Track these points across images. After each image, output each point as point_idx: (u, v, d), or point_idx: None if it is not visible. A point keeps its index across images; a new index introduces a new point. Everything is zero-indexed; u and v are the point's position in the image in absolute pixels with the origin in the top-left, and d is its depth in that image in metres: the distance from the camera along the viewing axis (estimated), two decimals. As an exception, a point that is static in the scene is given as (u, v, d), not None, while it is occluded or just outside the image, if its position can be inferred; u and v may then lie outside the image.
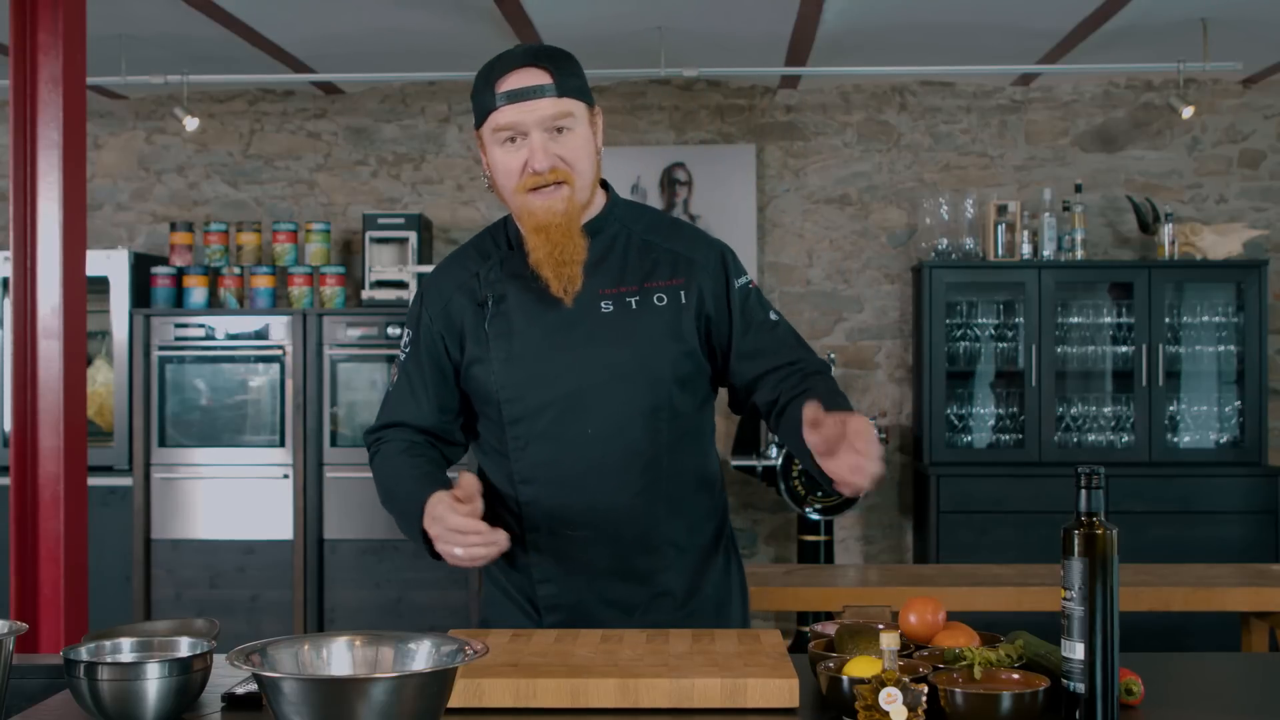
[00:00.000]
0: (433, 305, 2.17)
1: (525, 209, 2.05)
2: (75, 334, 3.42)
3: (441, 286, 2.18)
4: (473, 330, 2.12)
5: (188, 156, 6.36)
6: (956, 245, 5.91)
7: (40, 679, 1.88)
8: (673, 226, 2.21)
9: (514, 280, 2.12)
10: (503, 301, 2.12)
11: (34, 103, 3.37)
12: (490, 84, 2.04)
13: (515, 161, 2.04)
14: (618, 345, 2.07)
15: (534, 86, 2.02)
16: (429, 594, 5.54)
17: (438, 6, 4.87)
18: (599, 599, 2.11)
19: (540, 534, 2.11)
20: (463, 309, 2.14)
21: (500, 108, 2.02)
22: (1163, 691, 1.74)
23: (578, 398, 2.06)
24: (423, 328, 2.17)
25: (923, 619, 1.85)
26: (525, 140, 2.03)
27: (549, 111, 2.02)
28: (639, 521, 2.09)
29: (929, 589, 3.94)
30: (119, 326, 5.66)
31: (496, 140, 2.05)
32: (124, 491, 5.62)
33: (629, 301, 2.09)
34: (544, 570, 2.12)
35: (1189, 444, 5.82)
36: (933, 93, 6.23)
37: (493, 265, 2.15)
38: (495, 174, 2.08)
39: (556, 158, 2.03)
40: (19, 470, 3.37)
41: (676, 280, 2.11)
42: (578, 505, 2.08)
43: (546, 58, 2.05)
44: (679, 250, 2.14)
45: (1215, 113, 6.15)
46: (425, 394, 2.17)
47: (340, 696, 1.34)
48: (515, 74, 2.03)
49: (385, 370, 5.63)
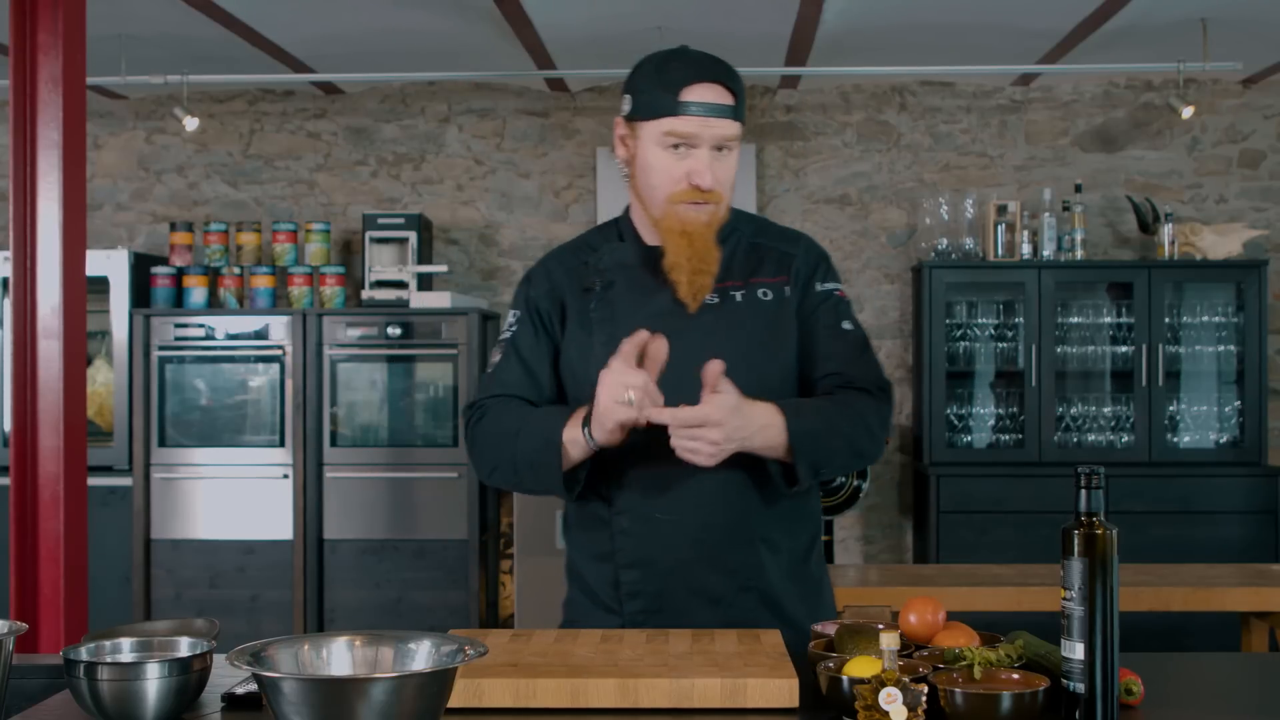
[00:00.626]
0: (539, 286, 2.21)
1: (673, 215, 2.08)
2: (75, 334, 3.42)
3: (550, 269, 2.22)
4: (577, 314, 2.16)
5: (188, 156, 6.36)
6: (956, 245, 5.91)
7: (40, 679, 1.87)
8: (780, 231, 2.25)
9: (623, 269, 2.16)
10: (610, 288, 2.15)
11: (34, 103, 3.37)
12: (671, 85, 2.05)
13: (678, 169, 2.07)
14: (720, 334, 2.09)
15: (721, 105, 2.05)
16: (429, 594, 5.54)
17: (438, 6, 4.87)
18: (683, 587, 2.09)
19: (627, 517, 2.11)
20: (569, 292, 2.18)
21: (680, 116, 2.04)
22: (1163, 691, 1.74)
23: (679, 388, 2.03)
24: (530, 307, 2.20)
25: (923, 619, 1.84)
26: (692, 152, 2.06)
27: (725, 132, 2.06)
28: (729, 511, 2.09)
29: (929, 589, 3.94)
30: (119, 326, 5.66)
31: (663, 142, 2.07)
32: (124, 491, 5.62)
33: (734, 295, 2.13)
34: (628, 555, 2.11)
35: (1189, 444, 5.82)
36: (933, 93, 6.23)
37: (603, 255, 2.19)
38: (648, 172, 2.09)
39: (716, 179, 2.07)
40: (19, 470, 3.37)
41: (781, 277, 2.16)
42: (669, 490, 2.08)
43: (730, 76, 2.08)
44: (784, 250, 2.19)
45: (1215, 113, 6.15)
46: (520, 374, 2.19)
47: (340, 696, 1.34)
48: (704, 87, 2.05)
49: (385, 370, 5.63)
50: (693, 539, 2.08)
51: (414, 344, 5.58)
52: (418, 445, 5.60)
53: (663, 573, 2.09)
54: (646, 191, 2.11)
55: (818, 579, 2.23)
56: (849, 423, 2.08)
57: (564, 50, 5.48)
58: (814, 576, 2.22)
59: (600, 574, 2.15)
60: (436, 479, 5.54)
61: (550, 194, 6.27)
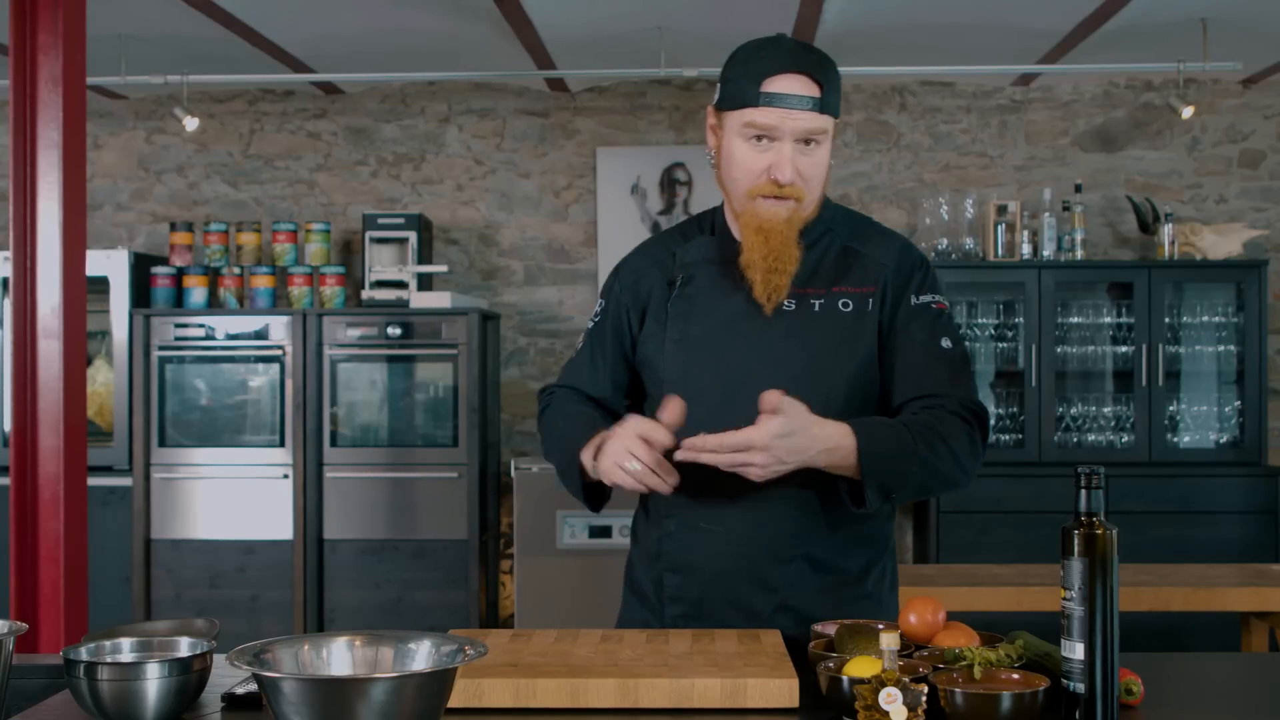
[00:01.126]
0: (626, 277, 2.20)
1: (751, 209, 2.04)
2: (75, 334, 3.42)
3: (638, 261, 2.21)
4: (656, 307, 2.14)
5: (188, 156, 6.36)
6: (956, 245, 5.91)
7: (40, 679, 1.87)
8: (881, 235, 2.15)
9: (706, 265, 2.12)
10: (690, 283, 2.12)
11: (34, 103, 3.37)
12: (754, 76, 2.00)
13: (759, 162, 2.02)
14: (790, 344, 2.05)
15: (802, 97, 1.99)
16: (429, 594, 5.54)
17: (438, 6, 4.87)
18: (722, 598, 2.06)
19: (675, 521, 2.10)
20: (653, 285, 2.16)
21: (761, 107, 1.99)
22: (1163, 691, 1.74)
23: (738, 391, 2.01)
24: (612, 299, 2.20)
25: (923, 619, 1.84)
26: (774, 145, 2.01)
27: (808, 125, 2.00)
28: (772, 529, 2.04)
29: (929, 589, 3.94)
30: (119, 326, 5.66)
31: (744, 134, 2.02)
32: (124, 491, 5.62)
33: (813, 303, 2.07)
34: (672, 559, 2.10)
35: (1189, 444, 5.82)
36: (933, 93, 6.23)
37: (690, 248, 2.16)
38: (730, 164, 2.06)
39: (798, 174, 2.01)
40: (19, 470, 3.37)
41: (867, 288, 2.07)
42: (717, 499, 2.05)
43: (818, 67, 2.02)
44: (877, 257, 2.10)
45: (1215, 113, 6.15)
46: (603, 364, 2.19)
47: (340, 696, 1.34)
48: (786, 78, 2.00)
49: (385, 370, 5.63)
50: (734, 553, 2.06)
51: (414, 344, 5.58)
52: (418, 445, 5.60)
53: (703, 581, 2.08)
54: (729, 184, 2.07)
55: (873, 597, 2.13)
56: (929, 447, 1.95)
57: (564, 50, 5.48)
58: (872, 597, 2.12)
59: (647, 573, 2.16)
60: (436, 479, 5.54)
61: (550, 194, 6.27)
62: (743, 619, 2.06)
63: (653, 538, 2.14)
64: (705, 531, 2.07)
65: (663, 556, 2.12)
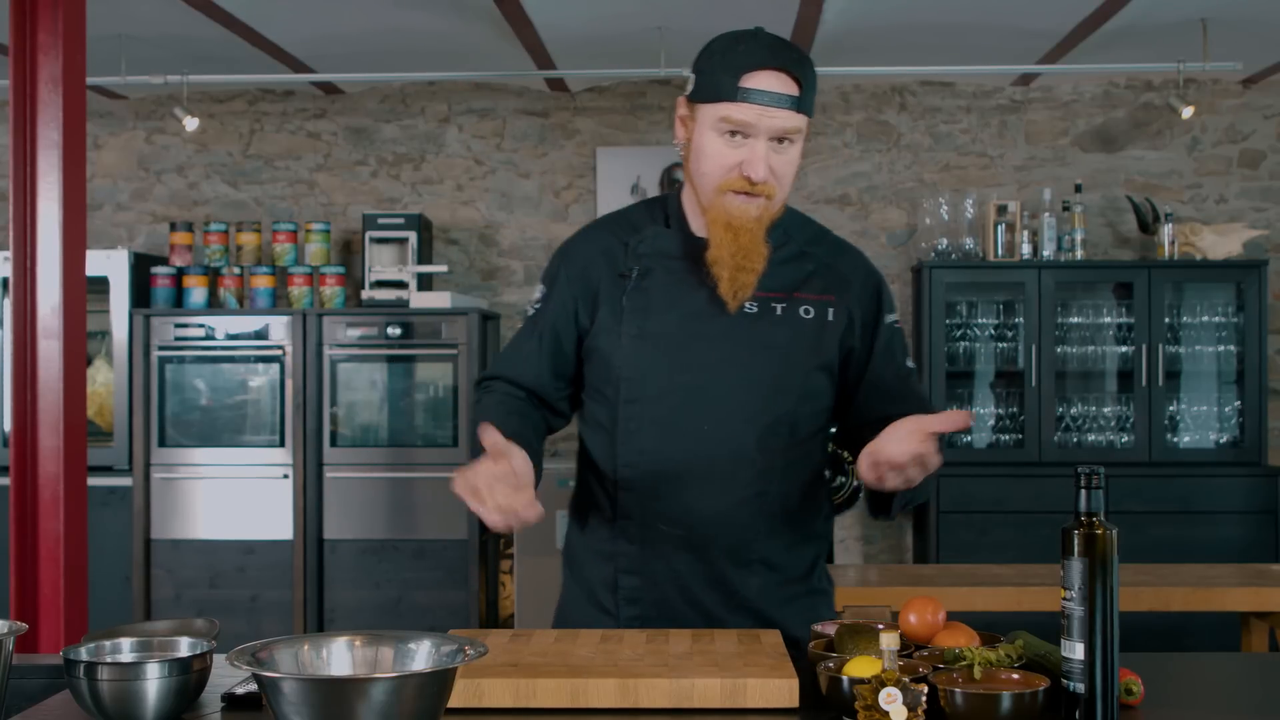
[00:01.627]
0: (572, 265, 2.11)
1: (720, 205, 1.99)
2: (75, 334, 3.42)
3: (585, 249, 2.12)
4: (609, 300, 2.06)
5: (188, 156, 6.36)
6: (956, 245, 5.91)
7: (40, 679, 1.87)
8: (835, 244, 2.15)
9: (662, 258, 2.07)
10: (647, 277, 2.06)
11: (34, 103, 3.37)
12: (732, 70, 1.96)
13: (731, 157, 1.97)
14: (754, 347, 2.02)
15: (780, 95, 1.95)
16: (429, 594, 5.54)
17: (438, 6, 4.87)
18: (680, 599, 2.04)
19: (632, 523, 2.06)
20: (602, 276, 2.08)
21: (739, 103, 1.94)
22: (1163, 691, 1.74)
23: (700, 391, 2.01)
24: (557, 287, 2.11)
25: (923, 619, 1.84)
26: (748, 141, 1.96)
27: (784, 124, 1.96)
28: (735, 532, 2.03)
29: (929, 589, 3.94)
30: (119, 326, 5.66)
31: (718, 128, 1.97)
32: (124, 491, 5.62)
33: (774, 307, 2.04)
34: (630, 561, 2.06)
35: (1189, 444, 5.82)
36: (933, 93, 6.23)
37: (645, 239, 2.09)
38: (700, 158, 2.00)
39: (771, 171, 1.98)
40: (19, 470, 3.37)
41: (827, 296, 2.07)
42: (677, 501, 2.03)
43: (797, 65, 1.97)
44: (837, 267, 2.10)
45: (1215, 113, 6.15)
46: (539, 354, 2.10)
47: (340, 696, 1.34)
48: (765, 74, 1.95)
49: (385, 370, 5.63)
50: (695, 555, 2.04)
51: (414, 344, 5.58)
52: (418, 445, 5.60)
53: (661, 583, 2.05)
54: (698, 177, 2.02)
55: (819, 592, 2.17)
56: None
57: (564, 50, 5.48)
58: (815, 590, 2.16)
59: (600, 572, 2.11)
60: (436, 479, 5.53)
61: (550, 194, 6.27)
62: (701, 619, 2.05)
63: (604, 537, 2.09)
64: (665, 533, 2.05)
65: (618, 557, 2.08)
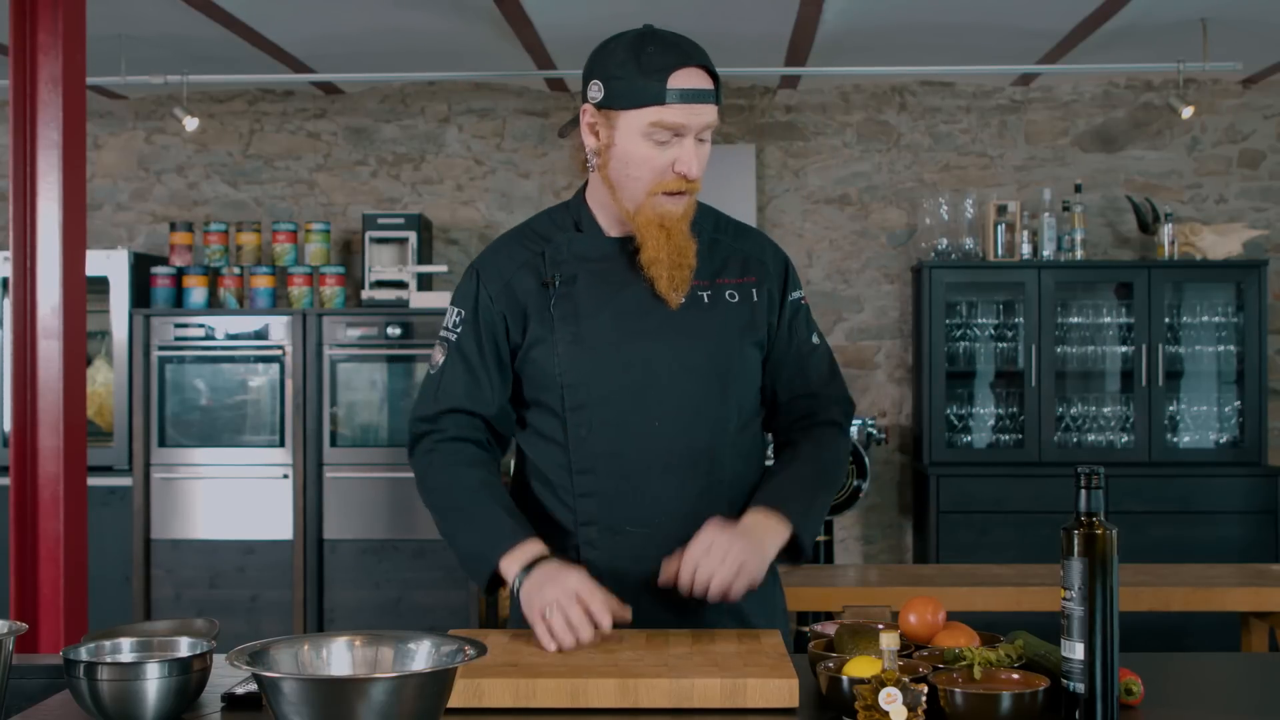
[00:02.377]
0: (492, 283, 2.07)
1: (651, 206, 1.99)
2: (75, 334, 3.42)
3: (501, 264, 2.09)
4: (537, 310, 2.05)
5: (188, 156, 6.36)
6: (956, 245, 5.91)
7: (40, 679, 1.88)
8: (739, 228, 2.17)
9: (584, 263, 2.06)
10: (571, 283, 2.05)
11: (34, 103, 3.37)
12: (653, 73, 1.94)
13: (662, 160, 1.97)
14: (689, 336, 2.04)
15: (705, 90, 1.96)
16: (429, 594, 5.54)
17: (438, 6, 4.87)
18: (654, 601, 2.02)
19: (594, 529, 2.05)
20: (527, 288, 2.06)
21: (670, 105, 1.94)
22: (1163, 691, 1.74)
23: (645, 388, 2.01)
24: (481, 306, 2.07)
25: (923, 619, 1.84)
26: (676, 141, 1.97)
27: (708, 120, 1.98)
28: (700, 523, 2.02)
29: (929, 589, 3.94)
30: (119, 326, 5.66)
31: (647, 132, 1.96)
32: (124, 491, 5.62)
33: (701, 295, 2.06)
34: (595, 569, 2.03)
35: (1189, 444, 5.82)
36: (933, 93, 6.23)
37: (559, 245, 2.08)
38: (628, 164, 1.99)
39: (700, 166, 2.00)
40: (19, 470, 3.37)
41: (748, 279, 2.10)
42: (639, 500, 2.03)
43: (705, 59, 1.98)
44: (748, 251, 2.13)
45: (1215, 113, 6.15)
46: (486, 377, 2.07)
47: (340, 696, 1.34)
48: (687, 72, 1.95)
49: (385, 370, 5.63)
50: (664, 552, 2.01)
51: (414, 344, 5.58)
52: (418, 445, 5.59)
53: (632, 585, 2.02)
54: (625, 183, 2.00)
55: (777, 581, 2.20)
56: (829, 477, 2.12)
57: (564, 50, 5.48)
58: (775, 582, 2.19)
59: None
60: (436, 479, 5.53)
61: (550, 194, 6.27)
62: (673, 617, 2.04)
63: (567, 547, 2.07)
64: (631, 535, 2.04)
65: (584, 565, 2.03)
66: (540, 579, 1.91)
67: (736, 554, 1.92)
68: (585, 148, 2.08)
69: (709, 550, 1.93)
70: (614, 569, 2.04)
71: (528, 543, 1.98)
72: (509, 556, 1.97)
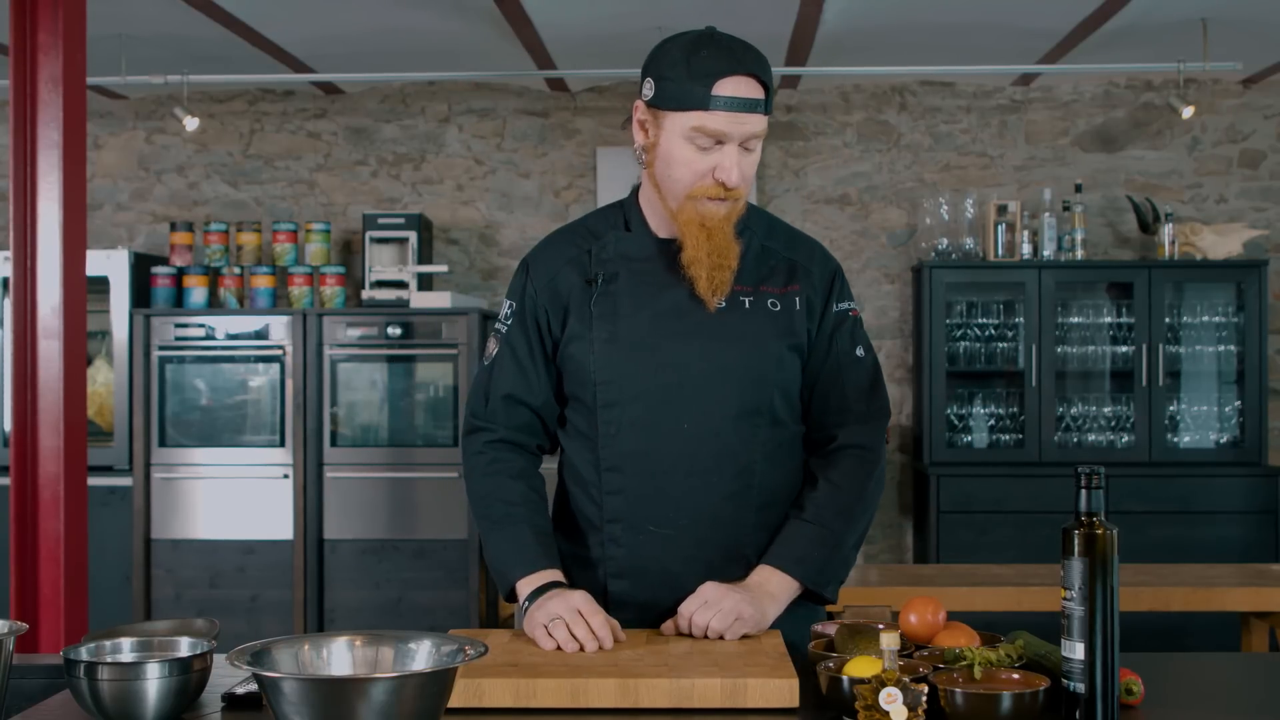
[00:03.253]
0: (539, 277, 2.10)
1: (694, 210, 1.99)
2: (75, 334, 3.42)
3: (550, 259, 2.12)
4: (578, 307, 2.07)
5: (188, 156, 6.36)
6: (956, 245, 5.91)
7: (40, 679, 1.88)
8: (791, 235, 2.17)
9: (627, 262, 2.07)
10: (613, 281, 2.06)
11: (34, 103, 3.37)
12: (701, 78, 1.94)
13: (703, 164, 1.97)
14: (725, 341, 2.03)
15: (753, 100, 1.96)
16: (429, 594, 5.54)
17: (438, 6, 4.87)
18: (672, 598, 2.02)
19: (620, 526, 2.06)
20: (571, 284, 2.08)
21: (712, 111, 1.94)
22: (1163, 691, 1.74)
23: (677, 389, 2.02)
24: (528, 299, 2.11)
25: (923, 619, 1.84)
26: (719, 148, 1.97)
27: (754, 129, 1.98)
28: (726, 528, 2.04)
29: (929, 589, 3.94)
30: (119, 326, 5.66)
31: (690, 136, 1.96)
32: (124, 491, 5.62)
33: (742, 300, 2.05)
34: (618, 565, 2.06)
35: (1189, 444, 5.82)
36: (933, 93, 6.23)
37: (606, 244, 2.09)
38: (670, 164, 1.99)
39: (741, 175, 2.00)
40: (19, 470, 3.37)
41: (791, 287, 2.08)
42: (664, 501, 2.03)
43: (760, 67, 1.97)
44: (796, 259, 2.11)
45: (1215, 113, 6.15)
46: (534, 368, 2.11)
47: (340, 696, 1.34)
48: (736, 80, 1.94)
49: (385, 370, 5.63)
50: (687, 554, 2.03)
51: (414, 344, 5.58)
52: (418, 445, 5.60)
53: (653, 584, 2.04)
54: (666, 183, 2.01)
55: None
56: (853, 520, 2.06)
57: (564, 50, 5.48)
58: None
59: (584, 580, 2.09)
60: (436, 479, 5.54)
61: (550, 194, 6.27)
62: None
63: (592, 543, 2.09)
64: (655, 534, 2.05)
65: (607, 562, 2.07)
66: (546, 599, 1.94)
67: (731, 605, 1.92)
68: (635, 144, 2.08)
69: (704, 604, 1.93)
70: (636, 567, 2.06)
71: (546, 570, 2.01)
72: (526, 580, 2.01)
